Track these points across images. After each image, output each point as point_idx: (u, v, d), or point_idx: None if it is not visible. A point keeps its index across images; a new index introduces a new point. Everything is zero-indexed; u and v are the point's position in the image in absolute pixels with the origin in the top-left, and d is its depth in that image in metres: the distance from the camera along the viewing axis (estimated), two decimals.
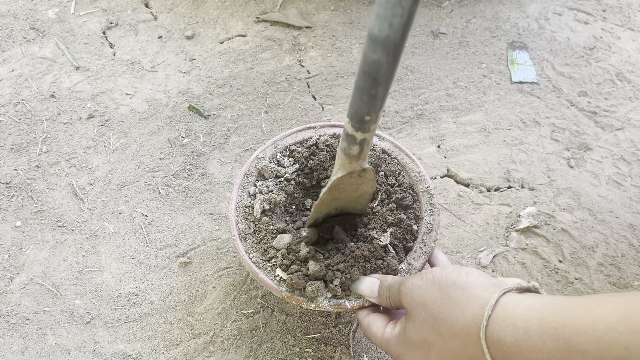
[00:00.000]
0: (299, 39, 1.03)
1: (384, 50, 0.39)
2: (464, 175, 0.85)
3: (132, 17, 1.05)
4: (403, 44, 0.39)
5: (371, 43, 0.40)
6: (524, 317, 0.42)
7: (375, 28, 0.38)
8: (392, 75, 0.42)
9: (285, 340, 0.69)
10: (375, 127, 0.47)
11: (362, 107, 0.45)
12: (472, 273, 0.48)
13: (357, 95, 0.44)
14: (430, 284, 0.49)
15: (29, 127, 0.89)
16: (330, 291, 0.57)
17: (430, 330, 0.47)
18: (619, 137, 0.91)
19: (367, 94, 0.43)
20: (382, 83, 0.42)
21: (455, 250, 0.77)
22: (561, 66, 1.01)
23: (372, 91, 0.43)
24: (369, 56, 0.40)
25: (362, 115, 0.45)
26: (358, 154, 0.50)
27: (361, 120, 0.46)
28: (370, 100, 0.44)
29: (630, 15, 1.10)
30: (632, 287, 0.74)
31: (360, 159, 0.51)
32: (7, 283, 0.73)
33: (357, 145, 0.49)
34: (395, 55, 0.40)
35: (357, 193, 0.59)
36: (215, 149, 0.87)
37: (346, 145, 0.50)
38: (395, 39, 0.38)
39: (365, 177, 0.55)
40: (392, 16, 0.37)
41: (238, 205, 0.64)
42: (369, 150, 0.51)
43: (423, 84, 0.97)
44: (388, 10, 0.37)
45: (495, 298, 0.44)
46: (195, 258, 0.76)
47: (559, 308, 0.40)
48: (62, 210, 0.80)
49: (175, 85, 0.95)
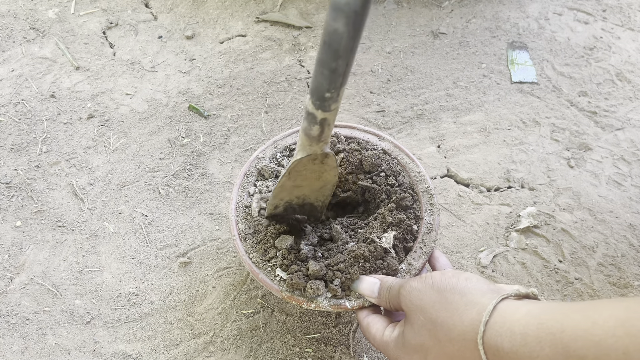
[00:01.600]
0: (299, 39, 1.03)
1: (345, 18, 0.38)
2: (464, 175, 0.85)
3: (132, 17, 1.05)
4: (364, 13, 0.38)
5: (332, 10, 0.38)
6: (521, 323, 0.42)
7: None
8: (353, 48, 0.40)
9: (285, 340, 0.69)
10: (337, 107, 0.45)
11: (323, 83, 0.43)
12: (472, 279, 0.48)
13: (318, 70, 0.42)
14: (429, 288, 0.49)
15: (29, 127, 0.89)
16: (330, 291, 0.57)
17: (428, 334, 0.47)
18: (619, 137, 0.91)
19: (327, 68, 0.41)
20: (343, 56, 0.40)
21: (455, 251, 0.77)
22: (561, 66, 1.01)
23: (332, 64, 0.41)
24: (330, 25, 0.39)
25: (322, 91, 0.43)
26: (319, 135, 0.48)
27: (321, 97, 0.44)
28: (330, 75, 0.42)
29: (630, 15, 1.10)
30: (632, 287, 0.74)
31: (321, 142, 0.49)
32: (7, 283, 0.73)
33: (317, 125, 0.47)
34: (356, 25, 0.38)
35: (320, 182, 0.57)
36: (215, 149, 0.87)
37: (307, 125, 0.48)
38: (356, 6, 0.37)
39: (327, 164, 0.53)
40: None
41: (238, 205, 0.64)
42: (331, 133, 0.49)
43: (423, 84, 0.97)
44: None
45: (493, 304, 0.44)
46: (195, 258, 0.76)
47: (557, 314, 0.40)
48: (62, 210, 0.80)
49: (175, 85, 0.95)
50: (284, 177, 0.54)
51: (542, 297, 0.47)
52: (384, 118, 0.92)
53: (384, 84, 0.97)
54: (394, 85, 0.97)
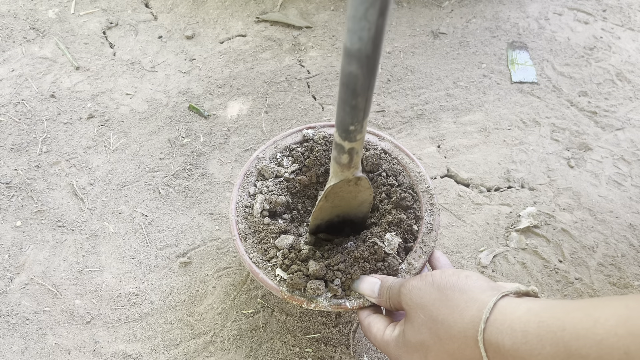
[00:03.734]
0: (299, 39, 1.03)
1: (358, 62, 0.40)
2: (464, 175, 0.85)
3: (132, 17, 1.05)
4: (376, 56, 0.40)
5: (345, 56, 0.41)
6: (522, 321, 0.41)
7: (348, 41, 0.40)
8: (370, 87, 0.43)
9: (286, 340, 0.69)
10: (362, 137, 0.48)
11: (346, 118, 0.46)
12: (472, 276, 0.48)
13: (340, 106, 0.45)
14: (430, 286, 0.49)
15: (29, 127, 0.89)
16: (330, 291, 0.57)
17: (429, 332, 0.47)
18: (619, 137, 0.91)
19: (348, 105, 0.44)
20: (361, 94, 0.43)
21: (455, 250, 0.77)
22: (561, 66, 1.01)
23: (352, 102, 0.44)
24: (345, 68, 0.42)
25: (346, 125, 0.47)
26: (348, 162, 0.51)
27: (346, 130, 0.47)
28: (352, 111, 0.45)
29: (630, 15, 1.10)
30: (632, 287, 0.74)
31: (351, 168, 0.52)
32: (7, 283, 0.73)
33: (346, 154, 0.50)
34: (369, 67, 0.41)
35: (357, 201, 0.59)
36: (215, 149, 0.87)
37: (336, 154, 0.51)
38: (367, 51, 0.39)
39: (362, 186, 0.56)
40: (360, 30, 0.38)
41: (238, 205, 0.64)
42: (360, 160, 0.52)
43: (423, 84, 0.97)
44: (356, 24, 0.38)
45: (493, 301, 0.44)
46: (195, 258, 0.76)
47: (558, 312, 0.40)
48: (62, 210, 0.80)
49: (175, 85, 0.95)
50: (322, 200, 0.57)
51: (542, 296, 0.47)
52: (384, 118, 0.92)
53: (384, 84, 0.97)
54: (394, 85, 0.97)
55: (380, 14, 0.37)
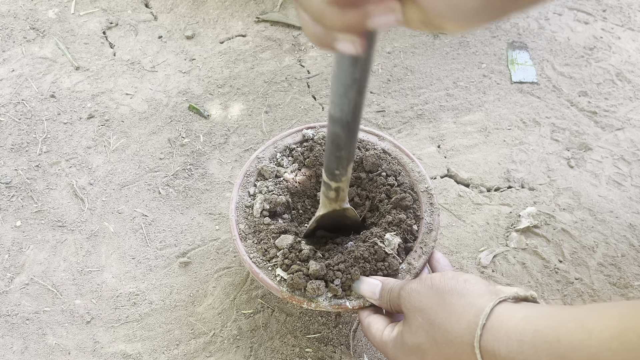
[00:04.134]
0: (299, 39, 1.03)
1: (340, 126, 0.47)
2: (464, 175, 0.85)
3: (132, 17, 1.05)
4: (356, 122, 0.47)
5: (330, 121, 0.47)
6: (518, 329, 0.41)
7: (332, 110, 0.46)
8: (351, 142, 0.49)
9: (286, 340, 0.69)
10: (347, 178, 0.55)
11: (331, 164, 0.53)
12: (471, 280, 0.48)
13: (327, 155, 0.52)
14: (429, 289, 0.49)
15: (29, 127, 0.89)
16: (330, 291, 0.57)
17: (426, 335, 0.47)
18: (619, 137, 0.91)
19: (333, 155, 0.51)
20: (344, 148, 0.50)
21: (455, 250, 0.77)
22: (561, 66, 1.01)
23: (337, 154, 0.51)
24: (330, 129, 0.48)
25: (332, 169, 0.53)
26: (335, 197, 0.58)
27: (332, 173, 0.54)
28: (336, 160, 0.52)
29: (630, 15, 1.10)
30: (632, 287, 0.74)
31: (338, 201, 0.58)
32: (7, 283, 0.73)
33: (333, 191, 0.57)
34: (350, 130, 0.47)
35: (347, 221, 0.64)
36: (215, 149, 0.87)
37: (325, 190, 0.57)
38: (348, 118, 0.46)
39: (349, 214, 0.62)
40: (342, 104, 0.44)
41: (238, 205, 0.64)
42: (346, 195, 0.58)
43: (423, 84, 0.97)
44: (338, 99, 0.44)
45: (490, 307, 0.44)
46: (195, 258, 0.76)
47: (553, 321, 0.40)
48: (62, 210, 0.80)
49: (175, 85, 0.95)
50: (313, 224, 0.63)
51: (541, 300, 0.47)
52: (384, 118, 0.92)
53: (384, 84, 0.97)
54: (394, 85, 0.97)
55: (358, 93, 0.43)
